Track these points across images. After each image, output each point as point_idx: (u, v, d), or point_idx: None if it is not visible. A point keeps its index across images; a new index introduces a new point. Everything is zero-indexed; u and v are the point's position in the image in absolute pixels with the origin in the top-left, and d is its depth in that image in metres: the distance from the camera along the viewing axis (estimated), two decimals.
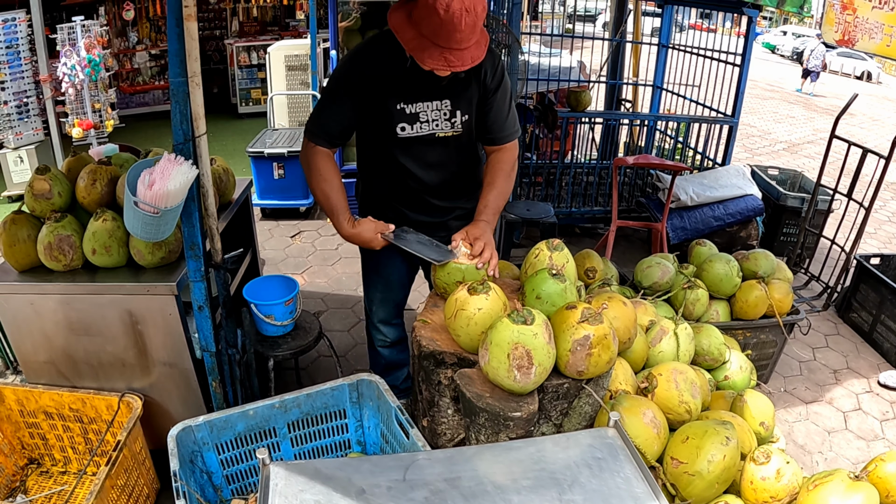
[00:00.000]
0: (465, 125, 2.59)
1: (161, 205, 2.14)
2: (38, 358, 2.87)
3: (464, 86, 2.51)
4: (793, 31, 29.18)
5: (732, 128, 5.67)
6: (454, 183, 2.77)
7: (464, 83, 2.50)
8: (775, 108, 15.47)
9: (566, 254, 2.47)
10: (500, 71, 2.57)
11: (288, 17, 13.01)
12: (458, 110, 2.55)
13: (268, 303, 2.99)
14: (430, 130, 2.57)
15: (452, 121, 2.57)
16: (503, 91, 2.59)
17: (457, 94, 2.52)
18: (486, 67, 2.51)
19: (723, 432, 2.19)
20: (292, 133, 6.53)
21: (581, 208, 5.77)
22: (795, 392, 4.03)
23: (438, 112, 2.54)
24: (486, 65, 2.50)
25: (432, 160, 2.67)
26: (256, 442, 2.44)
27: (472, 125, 2.62)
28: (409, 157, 2.65)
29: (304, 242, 5.90)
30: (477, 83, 2.53)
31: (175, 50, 2.11)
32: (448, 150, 2.66)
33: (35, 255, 2.72)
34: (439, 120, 2.56)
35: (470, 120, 2.59)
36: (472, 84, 2.52)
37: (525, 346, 1.88)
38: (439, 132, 2.58)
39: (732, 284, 3.60)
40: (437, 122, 2.56)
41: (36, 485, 3.01)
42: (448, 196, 2.80)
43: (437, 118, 2.55)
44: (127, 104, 10.61)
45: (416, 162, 2.66)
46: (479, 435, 2.01)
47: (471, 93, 2.54)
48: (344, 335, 4.38)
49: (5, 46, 6.99)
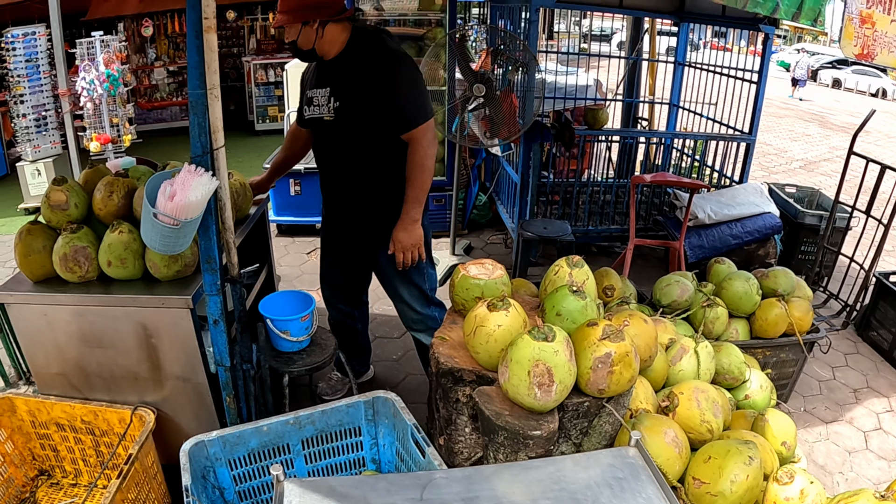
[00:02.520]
0: (337, 111, 2.88)
1: (181, 216, 2.13)
2: (50, 369, 2.85)
3: (346, 76, 2.85)
4: (807, 49, 29.15)
5: (750, 145, 5.63)
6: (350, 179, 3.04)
7: (347, 74, 2.84)
8: (791, 126, 15.41)
9: (586, 271, 2.45)
10: (391, 69, 2.81)
11: None
12: (334, 96, 2.88)
13: (284, 318, 2.96)
14: (319, 114, 2.95)
15: (329, 106, 2.90)
16: (392, 86, 2.81)
17: (337, 83, 2.87)
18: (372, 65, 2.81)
19: (746, 452, 2.16)
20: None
21: (598, 227, 5.73)
22: (815, 412, 3.96)
23: (323, 97, 2.92)
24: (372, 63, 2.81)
25: (324, 144, 3.06)
26: (270, 458, 2.42)
27: (347, 114, 2.87)
28: (315, 140, 3.12)
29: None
30: (362, 76, 2.82)
31: (195, 62, 2.10)
32: (331, 136, 2.97)
33: (50, 265, 2.70)
34: (322, 105, 2.93)
35: (344, 107, 2.86)
36: (355, 76, 2.83)
37: (546, 363, 1.85)
38: (324, 116, 2.93)
39: (752, 303, 3.55)
40: (321, 106, 2.93)
41: (46, 496, 2.98)
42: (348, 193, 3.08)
43: (322, 103, 2.93)
44: (144, 120, 10.68)
45: (315, 147, 3.15)
46: (498, 454, 1.98)
47: (352, 83, 2.84)
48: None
49: (25, 60, 7.06)
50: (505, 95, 4.32)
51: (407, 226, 2.93)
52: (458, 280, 2.48)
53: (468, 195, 6.43)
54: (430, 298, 3.30)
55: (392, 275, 3.19)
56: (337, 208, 3.23)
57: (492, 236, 6.44)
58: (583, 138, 5.61)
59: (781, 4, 2.37)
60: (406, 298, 3.25)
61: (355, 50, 2.85)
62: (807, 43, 30.53)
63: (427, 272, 3.25)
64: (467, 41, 6.75)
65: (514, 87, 4.68)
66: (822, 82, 26.07)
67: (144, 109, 10.93)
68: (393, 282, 3.23)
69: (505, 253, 6.03)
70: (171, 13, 11.06)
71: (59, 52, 6.20)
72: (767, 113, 5.66)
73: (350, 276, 3.47)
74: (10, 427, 2.92)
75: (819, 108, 19.19)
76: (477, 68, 4.38)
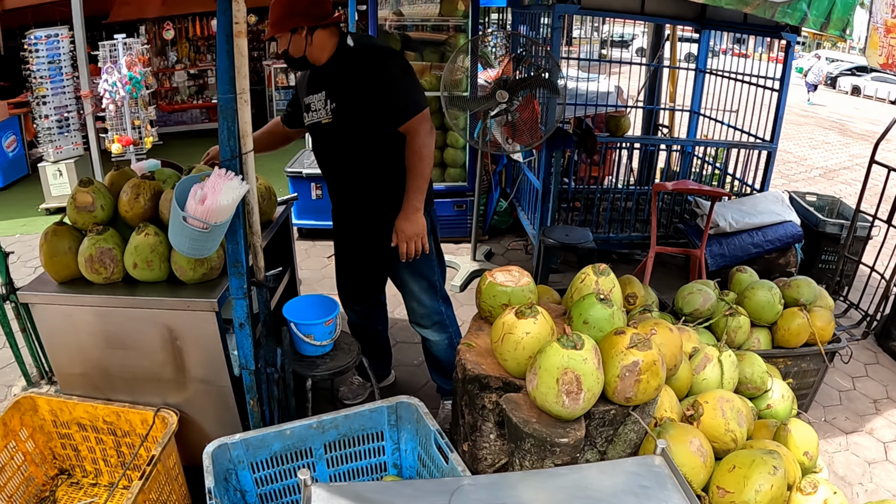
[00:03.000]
0: (334, 112, 2.96)
1: (211, 220, 2.13)
2: (73, 370, 2.87)
3: (339, 79, 2.93)
4: (826, 56, 28.89)
5: (771, 153, 5.59)
6: (353, 177, 3.10)
7: (339, 76, 2.93)
8: (811, 134, 15.31)
9: (612, 278, 2.44)
10: (380, 65, 2.89)
11: None
12: (329, 99, 2.96)
13: (308, 322, 2.97)
14: (318, 119, 3.03)
15: (326, 108, 2.98)
16: (383, 79, 2.87)
17: (331, 85, 2.95)
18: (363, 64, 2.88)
19: (770, 461, 2.15)
20: None
21: (618, 234, 5.70)
22: (835, 422, 3.93)
23: (320, 101, 3.00)
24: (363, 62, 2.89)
25: (325, 147, 3.14)
26: (292, 462, 2.42)
27: (344, 114, 2.95)
28: (316, 144, 3.20)
29: None
30: (353, 76, 2.89)
31: (224, 67, 2.11)
32: (332, 138, 3.05)
33: (75, 266, 2.72)
34: (320, 109, 3.00)
35: (340, 108, 2.94)
36: (347, 77, 2.91)
37: (575, 371, 1.85)
38: (322, 119, 3.01)
39: (775, 312, 3.53)
40: (319, 110, 3.01)
41: (66, 496, 2.99)
42: (353, 191, 3.15)
43: (319, 107, 3.01)
44: (165, 122, 10.75)
45: (317, 150, 3.21)
46: (524, 461, 1.97)
47: (345, 84, 2.91)
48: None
49: (48, 62, 7.12)
50: (527, 102, 4.31)
51: (409, 215, 2.97)
52: (484, 287, 2.48)
53: (489, 201, 6.43)
54: (439, 290, 3.33)
55: (401, 268, 3.22)
56: (344, 208, 3.30)
57: (512, 242, 6.43)
58: (604, 145, 5.59)
59: (810, 15, 2.36)
60: (415, 292, 3.29)
61: (345, 52, 2.93)
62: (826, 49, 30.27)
63: (435, 264, 3.29)
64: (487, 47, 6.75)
65: (537, 94, 4.67)
66: (842, 89, 25.81)
67: (165, 112, 11.01)
68: (402, 275, 3.27)
69: (525, 259, 6.02)
70: (193, 17, 11.15)
71: (82, 54, 6.25)
72: (786, 120, 5.62)
73: (364, 276, 3.51)
74: (31, 426, 2.94)
75: (838, 115, 19.04)
76: (499, 75, 4.37)
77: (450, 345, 3.41)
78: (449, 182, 6.22)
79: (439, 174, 6.27)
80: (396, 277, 3.32)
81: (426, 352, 3.57)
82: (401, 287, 3.34)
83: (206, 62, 11.59)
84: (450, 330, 3.40)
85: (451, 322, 3.40)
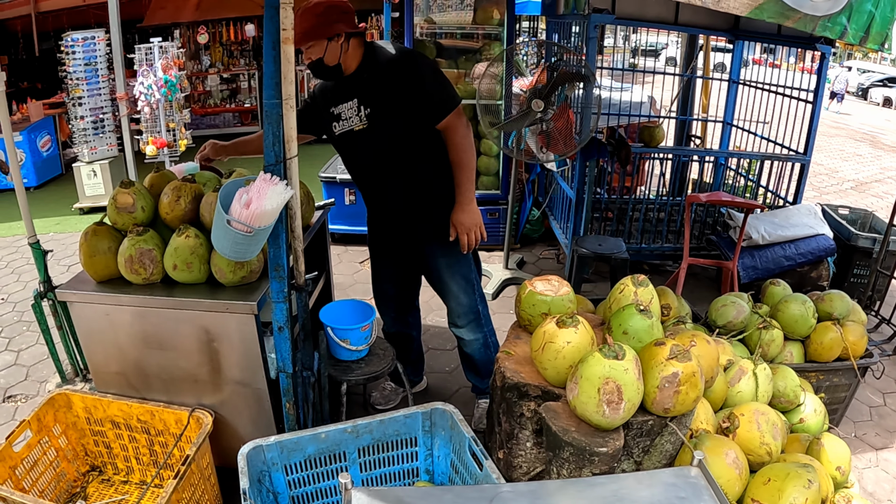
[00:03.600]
0: (369, 118, 2.95)
1: (256, 224, 2.16)
2: (109, 368, 2.91)
3: (370, 83, 2.93)
4: (857, 67, 28.57)
5: (804, 166, 5.54)
6: (391, 179, 3.10)
7: (370, 81, 2.92)
8: (842, 146, 15.14)
9: (651, 290, 2.44)
10: (408, 64, 2.92)
11: None
12: (363, 105, 2.95)
13: (345, 327, 2.99)
14: (349, 126, 3.01)
15: (360, 115, 2.96)
16: (414, 77, 2.89)
17: (363, 91, 2.94)
18: (391, 65, 2.91)
19: (805, 475, 2.14)
20: None
21: (650, 244, 5.67)
22: (865, 438, 3.88)
23: (351, 109, 2.98)
24: (391, 63, 2.91)
25: (360, 157, 3.12)
26: (325, 465, 2.43)
27: (379, 118, 2.95)
28: (346, 154, 3.17)
29: None
30: (384, 78, 2.91)
31: (271, 72, 2.14)
32: (366, 145, 3.03)
33: (114, 266, 2.76)
34: (352, 117, 2.99)
35: (375, 113, 2.94)
36: (378, 81, 2.91)
37: (616, 381, 1.85)
38: (355, 127, 2.99)
39: (808, 326, 3.51)
40: (351, 118, 2.99)
41: (97, 492, 3.02)
42: (391, 194, 3.16)
43: (351, 115, 2.99)
44: (197, 125, 10.87)
45: (350, 159, 3.18)
46: (562, 469, 1.97)
47: (376, 88, 2.92)
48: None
49: (84, 63, 7.24)
50: (562, 111, 4.31)
51: (465, 206, 3.02)
52: (524, 296, 2.49)
53: (521, 210, 6.43)
54: (476, 288, 3.34)
55: (441, 267, 3.26)
56: (381, 212, 3.33)
57: (544, 251, 6.42)
58: (638, 156, 5.56)
59: (850, 29, 2.35)
60: (454, 290, 3.31)
61: (372, 59, 2.94)
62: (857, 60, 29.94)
63: (471, 261, 3.32)
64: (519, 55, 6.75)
65: (572, 103, 4.66)
66: (873, 101, 25.50)
67: (198, 115, 11.13)
68: (441, 275, 3.29)
69: (557, 268, 6.01)
70: (226, 21, 11.26)
71: (118, 57, 6.35)
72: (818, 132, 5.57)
73: (401, 281, 3.53)
74: (65, 422, 2.99)
75: (870, 127, 18.84)
76: (533, 83, 4.37)
77: (484, 344, 3.43)
78: (482, 190, 6.22)
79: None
80: (436, 278, 3.35)
81: (461, 352, 3.58)
82: (440, 287, 3.36)
83: (238, 66, 11.71)
84: (485, 329, 3.41)
85: (486, 321, 3.41)
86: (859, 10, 2.30)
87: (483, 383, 3.57)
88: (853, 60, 29.77)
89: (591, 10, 4.68)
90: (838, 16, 2.33)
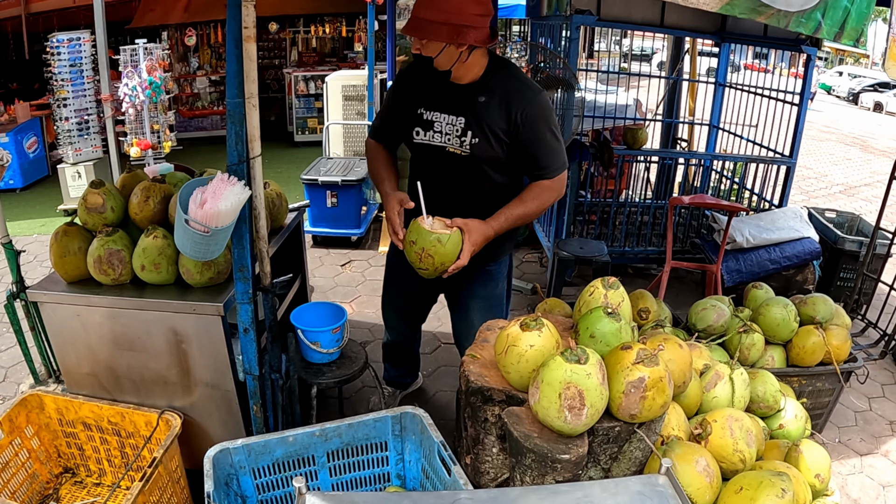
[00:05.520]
0: (473, 147, 2.63)
1: (211, 224, 2.13)
2: (80, 369, 2.89)
3: (484, 110, 2.59)
4: (849, 72, 28.67)
5: (790, 169, 5.54)
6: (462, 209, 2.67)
7: (485, 107, 2.58)
8: (831, 150, 15.17)
9: (622, 292, 2.41)
10: (533, 109, 2.59)
11: (346, 48, 13.19)
12: (471, 131, 2.61)
13: (315, 329, 2.96)
14: (442, 143, 2.68)
15: (462, 139, 2.63)
16: (533, 129, 2.60)
17: (474, 115, 2.61)
18: (515, 102, 2.57)
19: (778, 484, 2.10)
20: (347, 162, 6.56)
21: (634, 248, 5.66)
22: (850, 443, 3.86)
23: (452, 126, 2.65)
24: (515, 99, 2.57)
25: (440, 174, 2.76)
26: (294, 469, 2.40)
27: (484, 152, 2.64)
28: (422, 166, 2.81)
29: (354, 272, 5.89)
30: (502, 113, 2.58)
31: (233, 71, 2.11)
32: (455, 169, 2.72)
33: (84, 267, 2.73)
34: (452, 135, 2.65)
35: (482, 145, 2.62)
36: (494, 111, 2.58)
37: (578, 386, 1.82)
38: (449, 147, 2.67)
39: (790, 330, 3.48)
40: (450, 136, 2.66)
41: (69, 494, 3.00)
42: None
43: (450, 132, 2.65)
44: (185, 127, 10.86)
45: (427, 173, 2.78)
46: (525, 476, 1.94)
47: (491, 119, 2.59)
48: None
49: (69, 65, 7.22)
50: None
51: (485, 230, 2.59)
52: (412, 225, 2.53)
53: None
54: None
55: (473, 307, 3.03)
56: None
57: (527, 254, 6.40)
58: (621, 158, 5.55)
59: (824, 24, 2.32)
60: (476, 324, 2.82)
61: (496, 81, 2.61)
62: (848, 65, 30.06)
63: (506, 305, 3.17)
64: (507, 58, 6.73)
65: (554, 105, 4.65)
66: (864, 105, 25.58)
67: (186, 117, 11.11)
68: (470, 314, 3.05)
69: (540, 272, 5.99)
70: (215, 23, 11.27)
71: (103, 58, 6.31)
72: (808, 136, 5.58)
73: (418, 300, 3.30)
74: (37, 424, 2.96)
75: (860, 131, 18.89)
76: None
77: None
78: None
79: None
80: (463, 308, 3.09)
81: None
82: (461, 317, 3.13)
83: None
84: None
85: None
86: (834, 5, 2.26)
87: None
88: (844, 66, 29.89)
89: (573, 11, 4.67)
90: (812, 11, 2.29)
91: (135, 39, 7.13)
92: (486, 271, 2.94)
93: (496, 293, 3.02)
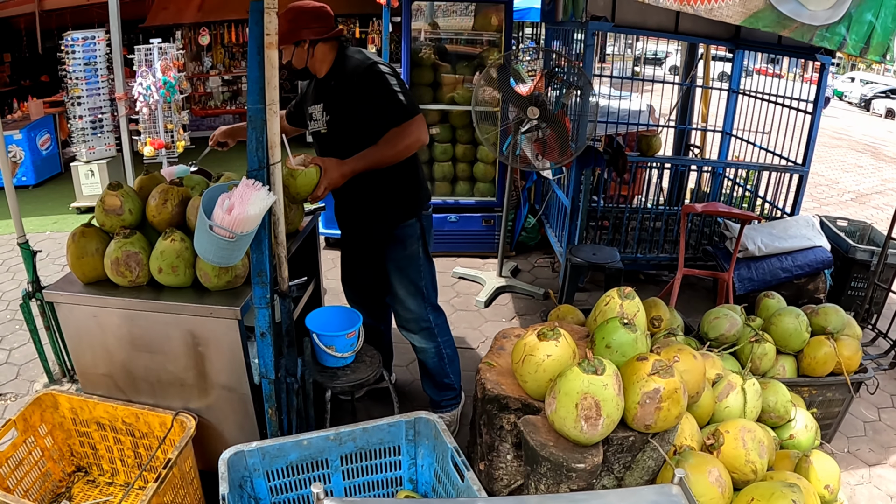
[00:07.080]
0: (329, 124, 3.11)
1: (238, 230, 2.14)
2: (96, 370, 2.90)
3: (334, 91, 3.06)
4: (861, 78, 28.49)
5: (803, 177, 5.52)
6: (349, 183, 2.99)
7: (335, 89, 3.06)
8: (843, 157, 15.08)
9: (637, 303, 2.42)
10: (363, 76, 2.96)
11: None
12: (327, 112, 3.11)
13: (330, 334, 2.97)
14: (317, 128, 3.19)
15: (323, 120, 3.13)
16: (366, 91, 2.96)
17: (328, 98, 3.10)
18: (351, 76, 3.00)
19: (789, 495, 2.11)
20: None
21: (646, 254, 5.64)
22: (859, 453, 3.85)
23: (319, 112, 3.15)
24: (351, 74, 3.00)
25: (323, 152, 3.20)
26: (308, 472, 2.42)
27: (338, 125, 3.10)
28: (317, 152, 3.26)
29: None
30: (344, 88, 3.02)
31: (255, 77, 2.13)
32: (328, 144, 3.17)
33: (101, 268, 2.75)
34: (320, 120, 3.15)
35: (335, 120, 3.09)
36: (340, 90, 3.04)
37: (594, 396, 1.83)
38: (321, 129, 3.16)
39: (801, 340, 3.47)
40: (318, 121, 3.17)
41: (81, 493, 3.01)
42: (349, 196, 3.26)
43: (319, 118, 3.16)
44: (198, 126, 10.87)
45: (320, 153, 3.24)
46: (540, 484, 1.95)
47: (339, 97, 3.05)
48: (403, 370, 4.33)
49: (84, 63, 7.25)
50: (558, 119, 4.29)
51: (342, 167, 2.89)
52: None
53: (517, 217, 6.39)
54: (426, 297, 3.37)
55: (390, 271, 3.33)
56: (343, 212, 3.42)
57: (539, 259, 6.38)
58: (635, 165, 5.54)
59: (849, 39, 2.31)
60: (401, 296, 3.36)
61: (340, 66, 3.06)
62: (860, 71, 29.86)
63: (424, 270, 3.34)
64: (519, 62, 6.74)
65: (568, 111, 4.65)
66: (876, 112, 25.44)
67: (198, 116, 11.13)
68: (390, 278, 3.36)
69: (552, 277, 5.98)
70: (228, 23, 11.27)
71: (118, 57, 6.34)
72: (819, 142, 5.53)
73: (365, 275, 3.60)
74: (51, 423, 2.98)
75: (872, 138, 18.79)
76: (531, 90, 4.36)
77: (437, 354, 3.44)
78: (478, 197, 6.22)
79: (468, 188, 6.27)
80: (386, 279, 3.40)
81: (418, 360, 3.60)
82: (389, 289, 3.41)
83: (240, 69, 11.73)
84: (439, 339, 3.42)
85: (441, 331, 3.43)
86: (859, 20, 2.25)
87: (439, 395, 3.57)
88: (856, 72, 29.70)
89: (588, 17, 4.67)
90: (836, 25, 2.28)
91: (147, 38, 7.16)
92: (394, 235, 3.26)
93: (406, 254, 3.29)
